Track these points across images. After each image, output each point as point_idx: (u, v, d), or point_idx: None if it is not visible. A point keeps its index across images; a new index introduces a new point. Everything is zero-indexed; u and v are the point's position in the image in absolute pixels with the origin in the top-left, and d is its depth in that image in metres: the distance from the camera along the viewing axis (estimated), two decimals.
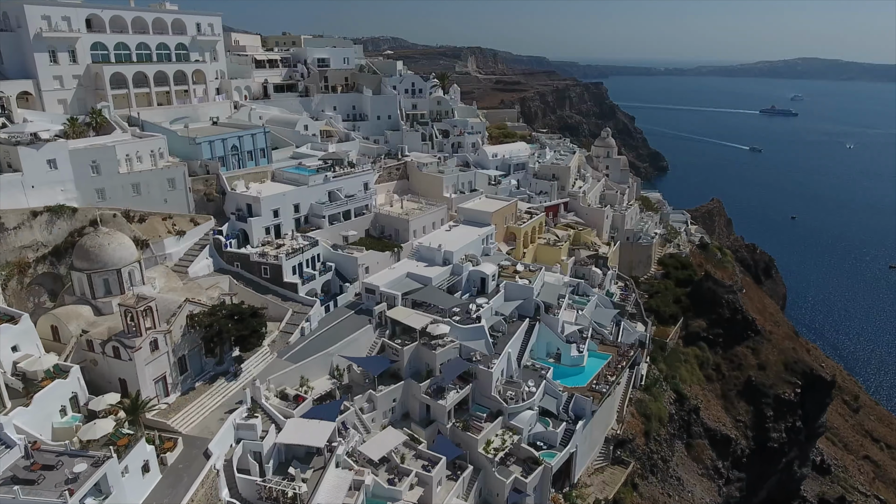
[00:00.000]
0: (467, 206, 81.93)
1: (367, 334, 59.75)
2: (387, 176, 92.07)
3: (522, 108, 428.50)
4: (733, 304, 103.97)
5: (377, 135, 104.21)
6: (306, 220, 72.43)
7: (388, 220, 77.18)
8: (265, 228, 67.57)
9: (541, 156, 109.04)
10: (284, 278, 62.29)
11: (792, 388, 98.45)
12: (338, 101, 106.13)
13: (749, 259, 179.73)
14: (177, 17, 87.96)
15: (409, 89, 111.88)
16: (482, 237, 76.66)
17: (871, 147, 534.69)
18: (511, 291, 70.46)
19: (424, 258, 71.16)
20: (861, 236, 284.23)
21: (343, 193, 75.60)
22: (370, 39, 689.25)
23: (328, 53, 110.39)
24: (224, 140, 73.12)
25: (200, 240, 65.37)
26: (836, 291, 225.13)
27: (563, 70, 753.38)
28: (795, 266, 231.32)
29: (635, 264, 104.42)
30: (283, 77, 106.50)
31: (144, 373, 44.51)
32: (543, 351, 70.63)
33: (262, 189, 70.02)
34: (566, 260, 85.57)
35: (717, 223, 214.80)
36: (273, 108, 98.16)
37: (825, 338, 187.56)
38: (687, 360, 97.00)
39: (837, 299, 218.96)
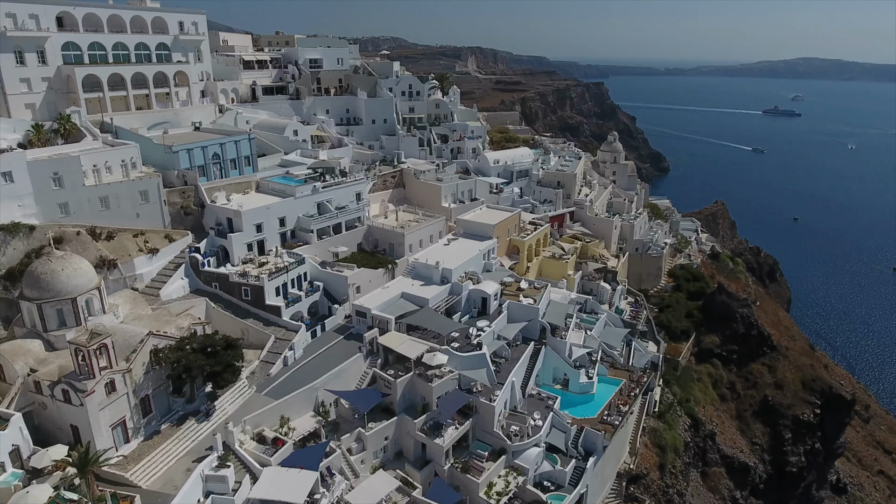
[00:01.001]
0: (467, 219, 76.44)
1: (357, 363, 54.23)
2: (381, 184, 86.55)
3: (523, 109, 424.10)
4: (748, 319, 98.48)
5: (372, 140, 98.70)
6: (293, 235, 66.97)
7: (382, 233, 71.68)
8: (247, 245, 62.05)
9: (545, 162, 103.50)
10: (267, 301, 56.80)
11: (811, 409, 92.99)
12: (331, 105, 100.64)
13: (754, 262, 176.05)
14: (158, 14, 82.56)
15: (407, 91, 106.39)
16: (483, 252, 71.19)
17: (873, 148, 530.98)
18: (514, 312, 64.98)
19: (421, 276, 65.67)
20: (864, 238, 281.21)
21: (333, 205, 70.13)
22: (370, 39, 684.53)
23: (321, 54, 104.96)
24: (204, 148, 67.62)
25: (176, 258, 59.93)
26: (840, 294, 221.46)
27: (564, 70, 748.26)
28: (798, 268, 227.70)
29: (645, 277, 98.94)
30: (274, 79, 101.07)
31: (99, 419, 39.02)
32: (550, 376, 65.15)
33: (244, 201, 64.49)
34: (573, 275, 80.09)
35: (721, 226, 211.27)
36: (261, 111, 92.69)
37: (830, 342, 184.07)
38: (700, 378, 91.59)
39: (841, 302, 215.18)
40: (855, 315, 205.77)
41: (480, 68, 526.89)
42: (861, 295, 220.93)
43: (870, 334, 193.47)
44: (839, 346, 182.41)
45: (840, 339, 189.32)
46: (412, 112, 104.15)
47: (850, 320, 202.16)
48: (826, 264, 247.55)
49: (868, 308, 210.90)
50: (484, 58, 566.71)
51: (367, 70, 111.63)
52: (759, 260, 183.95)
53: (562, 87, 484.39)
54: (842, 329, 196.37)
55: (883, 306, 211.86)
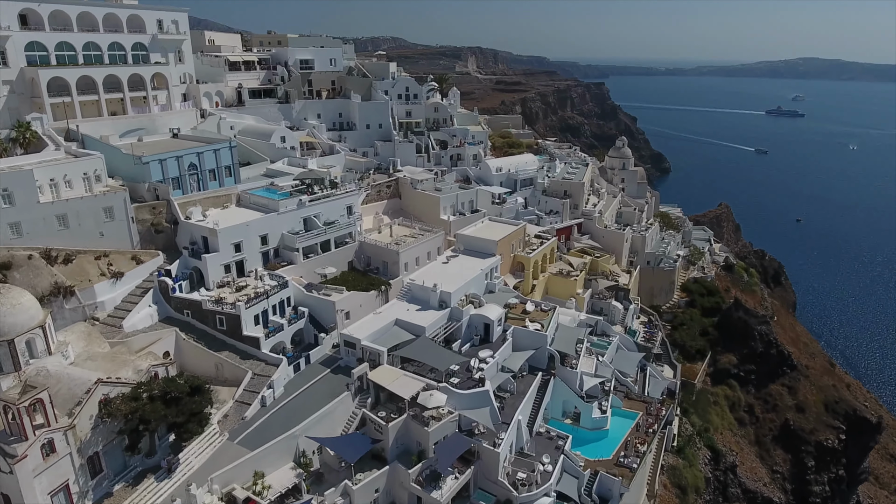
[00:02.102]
0: (468, 234, 70.36)
1: (345, 404, 48.15)
2: (375, 195, 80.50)
3: (523, 109, 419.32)
4: (766, 337, 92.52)
5: (366, 146, 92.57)
6: (276, 254, 60.90)
7: (375, 250, 65.61)
8: (224, 266, 55.99)
9: (550, 169, 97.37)
10: (244, 331, 50.77)
11: (835, 434, 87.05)
12: (322, 108, 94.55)
13: (759, 266, 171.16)
14: (133, 12, 76.48)
15: (403, 94, 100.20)
16: (486, 271, 65.12)
17: (874, 148, 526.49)
18: (520, 339, 58.98)
19: (417, 299, 59.61)
20: (867, 240, 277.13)
21: (321, 220, 64.09)
22: (370, 39, 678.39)
23: (312, 54, 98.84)
24: (179, 158, 61.51)
25: (144, 281, 53.98)
26: (844, 297, 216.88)
27: (564, 70, 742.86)
28: (802, 271, 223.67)
29: (657, 292, 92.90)
30: (262, 81, 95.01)
31: (33, 487, 32.98)
32: (559, 410, 59.21)
33: (221, 217, 58.39)
34: (582, 293, 74.05)
35: (725, 229, 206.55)
36: (247, 116, 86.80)
37: (834, 346, 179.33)
38: (716, 401, 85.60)
39: (846, 305, 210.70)
40: (860, 318, 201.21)
41: (480, 68, 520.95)
42: (865, 297, 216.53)
43: (875, 338, 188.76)
44: (847, 352, 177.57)
45: (845, 343, 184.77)
46: (409, 116, 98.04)
47: (854, 324, 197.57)
48: (829, 266, 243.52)
49: (873, 311, 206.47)
50: (484, 58, 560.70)
51: (362, 71, 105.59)
52: (765, 263, 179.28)
53: (562, 88, 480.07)
54: (847, 333, 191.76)
55: (887, 309, 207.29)
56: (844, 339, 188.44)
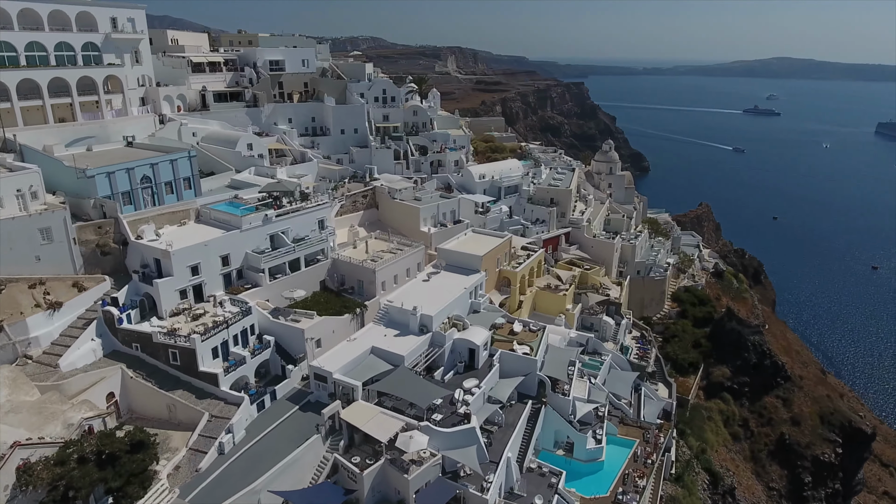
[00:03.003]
0: (450, 248, 65.54)
1: (315, 448, 42.98)
2: (350, 206, 75.30)
3: (504, 109, 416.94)
4: (760, 347, 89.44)
5: (341, 153, 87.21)
6: (239, 276, 55.44)
7: (350, 268, 60.44)
8: (179, 292, 50.37)
9: (536, 175, 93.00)
10: (200, 366, 45.29)
11: (832, 448, 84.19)
12: (293, 112, 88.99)
13: (739, 265, 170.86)
14: (83, 9, 70.12)
15: (380, 97, 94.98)
16: (470, 289, 60.37)
17: (846, 146, 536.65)
18: (508, 365, 54.40)
19: (395, 323, 54.62)
20: (842, 237, 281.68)
21: (290, 236, 58.74)
22: (349, 39, 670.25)
23: (282, 55, 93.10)
24: (130, 170, 55.59)
25: (88, 311, 48.10)
26: (822, 293, 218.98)
27: (543, 70, 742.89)
28: (780, 268, 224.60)
29: (647, 302, 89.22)
30: (228, 83, 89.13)
31: None
32: (551, 440, 54.74)
33: (177, 236, 52.75)
34: (571, 309, 69.77)
35: (706, 228, 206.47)
36: (212, 121, 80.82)
37: (814, 343, 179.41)
38: (711, 416, 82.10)
39: (823, 301, 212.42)
40: (836, 314, 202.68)
41: (460, 68, 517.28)
42: (843, 294, 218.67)
43: (852, 333, 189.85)
44: (825, 347, 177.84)
45: (823, 338, 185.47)
46: (386, 120, 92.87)
47: (831, 319, 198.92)
48: (806, 263, 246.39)
49: (849, 306, 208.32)
50: (464, 58, 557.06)
51: (337, 73, 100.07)
52: (744, 262, 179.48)
53: (542, 88, 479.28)
54: (825, 328, 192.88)
55: (863, 304, 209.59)
56: (819, 330, 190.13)
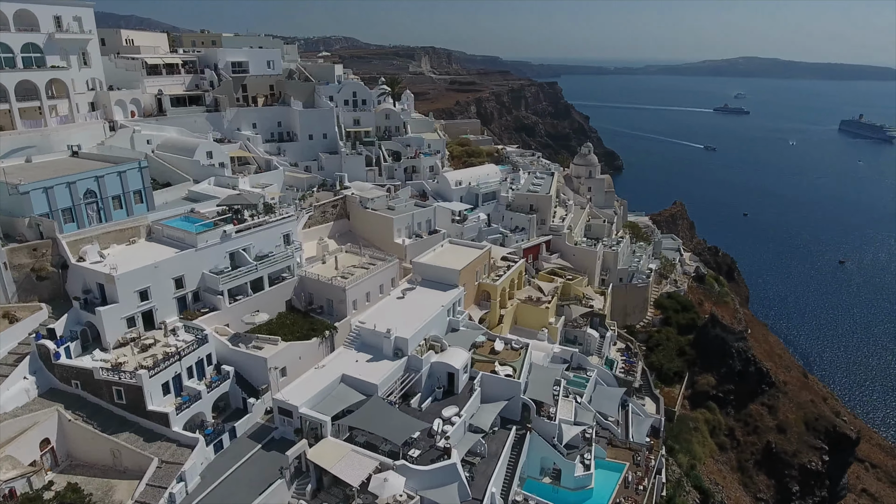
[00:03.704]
0: (426, 262, 61.65)
1: (278, 495, 38.65)
2: (319, 217, 70.87)
3: (478, 109, 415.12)
4: (744, 354, 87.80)
5: (309, 159, 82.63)
6: (196, 298, 50.68)
7: (318, 286, 56.10)
8: (126, 320, 45.47)
9: (514, 181, 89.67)
10: (148, 405, 40.60)
11: (818, 455, 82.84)
12: (258, 117, 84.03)
13: (713, 262, 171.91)
14: (23, 7, 64.42)
15: (351, 100, 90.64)
16: (448, 306, 56.61)
17: (812, 144, 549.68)
18: (490, 389, 50.88)
19: (368, 346, 50.60)
20: (809, 232, 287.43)
21: (252, 254, 54.16)
22: (322, 39, 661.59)
23: (246, 56, 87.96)
24: (72, 184, 50.45)
25: (20, 345, 42.95)
26: (792, 288, 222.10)
27: (517, 70, 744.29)
28: (751, 264, 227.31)
29: (630, 310, 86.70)
30: (187, 86, 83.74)
31: None
32: (537, 467, 51.25)
33: (123, 258, 47.76)
34: (554, 323, 66.55)
35: (680, 227, 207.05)
36: (169, 128, 75.55)
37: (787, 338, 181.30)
38: (697, 427, 79.99)
39: (794, 296, 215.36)
40: (807, 308, 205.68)
41: (434, 68, 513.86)
42: (811, 288, 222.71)
43: (822, 327, 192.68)
44: (795, 342, 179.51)
45: (795, 333, 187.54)
46: (357, 125, 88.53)
47: (802, 313, 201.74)
48: (776, 259, 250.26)
49: (818, 300, 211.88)
50: (438, 58, 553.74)
51: (304, 75, 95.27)
52: (718, 259, 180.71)
53: (516, 87, 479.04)
54: (796, 322, 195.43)
55: (832, 298, 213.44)
56: (790, 324, 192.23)
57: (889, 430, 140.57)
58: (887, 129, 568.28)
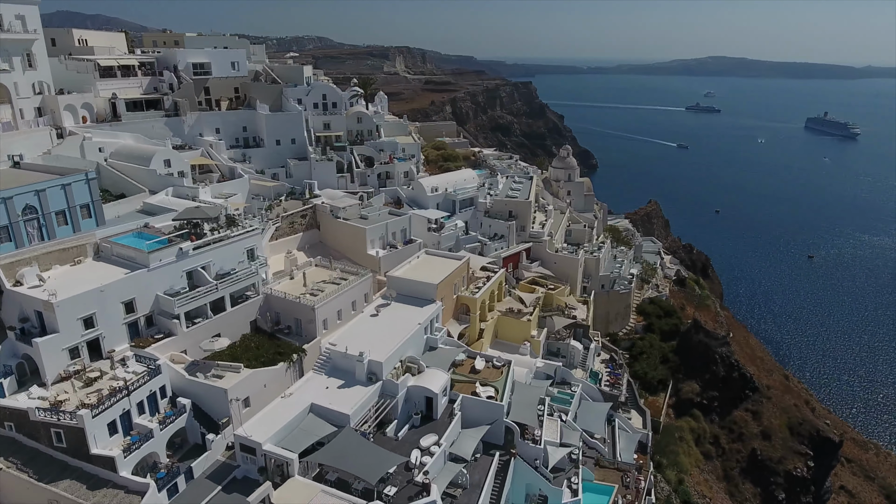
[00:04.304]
0: (402, 276, 58.20)
1: None
2: (288, 228, 66.87)
3: (454, 109, 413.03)
4: (728, 359, 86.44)
5: (277, 166, 78.47)
6: (149, 323, 46.44)
7: (285, 305, 52.25)
8: (68, 351, 41.11)
9: (492, 186, 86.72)
10: (92, 449, 36.43)
11: (804, 461, 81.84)
12: (221, 122, 79.52)
13: (687, 260, 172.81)
14: None
15: (320, 103, 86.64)
16: (425, 324, 53.31)
17: (779, 141, 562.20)
18: (471, 413, 47.77)
19: (339, 370, 47.08)
20: (779, 228, 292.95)
21: (212, 272, 50.06)
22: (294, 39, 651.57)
23: (208, 56, 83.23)
24: (8, 199, 45.63)
25: None
26: (764, 283, 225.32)
27: (492, 69, 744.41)
28: (724, 260, 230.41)
29: (612, 317, 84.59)
30: (145, 89, 78.80)
31: None
32: (521, 495, 48.25)
33: (66, 281, 43.31)
34: (537, 336, 63.75)
35: (655, 225, 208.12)
36: (124, 134, 70.53)
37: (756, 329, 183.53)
38: (682, 436, 78.13)
39: (765, 291, 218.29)
40: (779, 303, 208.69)
41: (409, 68, 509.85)
42: (782, 283, 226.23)
43: (794, 322, 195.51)
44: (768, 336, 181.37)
45: (767, 328, 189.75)
46: (328, 129, 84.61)
47: (773, 308, 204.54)
48: (748, 255, 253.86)
49: (789, 295, 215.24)
50: (412, 58, 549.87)
51: (271, 76, 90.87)
52: (693, 257, 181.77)
53: (491, 87, 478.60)
54: (767, 317, 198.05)
55: (802, 293, 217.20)
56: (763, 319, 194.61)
57: (858, 420, 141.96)
58: (851, 126, 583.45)
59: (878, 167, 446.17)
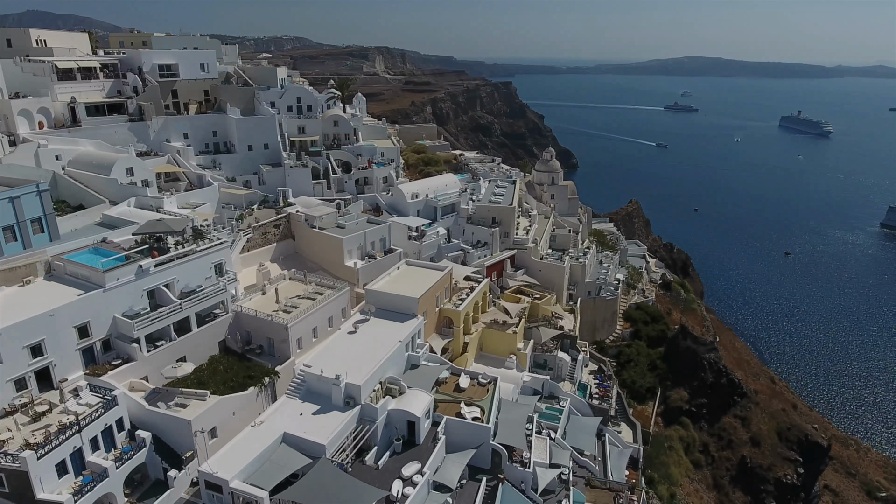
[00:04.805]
0: (382, 290, 55.19)
1: None
2: (260, 239, 63.44)
3: (434, 110, 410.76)
4: (716, 365, 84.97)
5: (249, 173, 74.91)
6: (106, 348, 42.87)
7: (256, 323, 49.03)
8: (14, 382, 37.44)
9: (474, 191, 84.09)
10: (38, 493, 32.91)
11: (793, 468, 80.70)
12: (190, 126, 75.71)
13: (668, 259, 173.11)
14: None
15: (295, 106, 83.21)
16: (406, 341, 50.44)
17: (755, 139, 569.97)
18: (456, 436, 45.06)
19: (314, 394, 43.94)
20: (755, 225, 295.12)
21: (177, 289, 46.64)
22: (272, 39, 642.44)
23: (175, 58, 79.26)
24: None
25: None
26: (742, 281, 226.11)
27: (472, 69, 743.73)
28: (703, 258, 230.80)
29: (599, 325, 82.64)
30: (108, 92, 74.64)
31: None
32: None
33: (12, 304, 39.53)
34: (523, 348, 61.31)
35: (636, 225, 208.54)
36: (84, 141, 66.49)
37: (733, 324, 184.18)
38: (671, 445, 76.28)
39: (744, 288, 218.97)
40: (757, 300, 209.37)
41: (389, 69, 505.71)
42: (760, 279, 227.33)
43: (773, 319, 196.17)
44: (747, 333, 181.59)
45: (747, 325, 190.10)
46: (303, 133, 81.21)
47: (750, 305, 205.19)
48: (726, 252, 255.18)
49: (767, 292, 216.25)
50: (392, 58, 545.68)
51: (243, 78, 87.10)
52: (673, 256, 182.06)
53: (471, 87, 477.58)
54: (746, 314, 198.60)
55: (780, 289, 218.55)
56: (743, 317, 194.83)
57: (835, 415, 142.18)
58: (824, 124, 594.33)
59: (850, 164, 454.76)
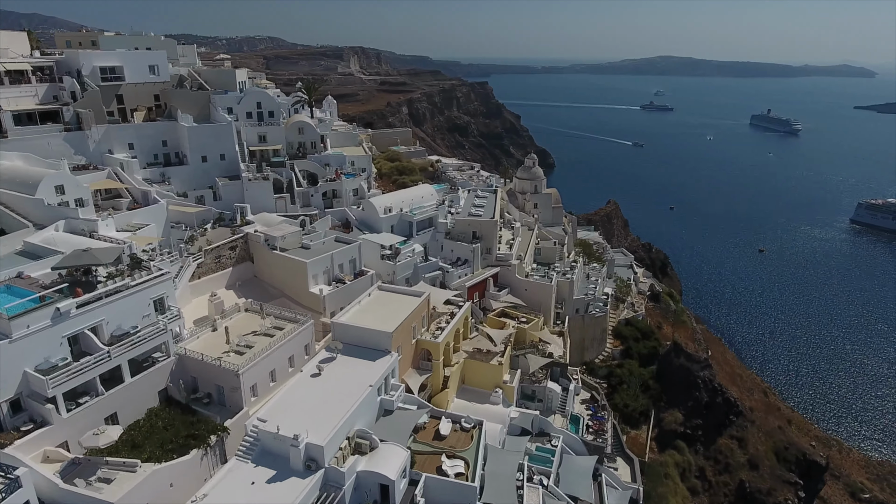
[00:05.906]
0: (350, 323, 48.62)
1: None
2: (213, 264, 56.38)
3: (410, 111, 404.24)
4: (710, 383, 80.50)
5: (203, 187, 67.70)
6: (16, 409, 35.67)
7: (203, 368, 42.18)
8: None
9: (453, 202, 78.01)
10: None
11: (793, 491, 76.55)
12: (136, 136, 68.16)
13: (647, 259, 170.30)
14: None
15: (255, 112, 76.16)
16: (378, 383, 44.08)
17: (727, 138, 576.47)
18: (437, 497, 38.92)
19: (270, 455, 37.28)
20: (730, 223, 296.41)
21: (107, 333, 39.56)
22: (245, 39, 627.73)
23: (120, 59, 71.55)
24: None
25: None
26: (718, 279, 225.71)
27: (447, 69, 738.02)
28: (680, 257, 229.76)
29: (588, 343, 77.38)
30: (42, 98, 66.67)
31: None
32: None
33: None
34: (510, 381, 55.47)
35: (615, 226, 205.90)
36: (11, 154, 58.66)
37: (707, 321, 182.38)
38: (667, 473, 71.36)
39: (719, 286, 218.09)
40: (733, 297, 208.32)
41: (364, 69, 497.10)
42: (735, 277, 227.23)
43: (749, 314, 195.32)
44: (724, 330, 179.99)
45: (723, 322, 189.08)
46: (264, 142, 74.18)
47: (728, 303, 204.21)
48: (702, 250, 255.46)
49: (743, 289, 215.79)
50: (367, 58, 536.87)
51: (198, 82, 79.67)
52: (652, 256, 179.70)
53: (448, 88, 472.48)
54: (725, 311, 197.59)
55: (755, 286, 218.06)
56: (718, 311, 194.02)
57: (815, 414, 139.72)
58: (793, 122, 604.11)
59: (819, 162, 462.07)
